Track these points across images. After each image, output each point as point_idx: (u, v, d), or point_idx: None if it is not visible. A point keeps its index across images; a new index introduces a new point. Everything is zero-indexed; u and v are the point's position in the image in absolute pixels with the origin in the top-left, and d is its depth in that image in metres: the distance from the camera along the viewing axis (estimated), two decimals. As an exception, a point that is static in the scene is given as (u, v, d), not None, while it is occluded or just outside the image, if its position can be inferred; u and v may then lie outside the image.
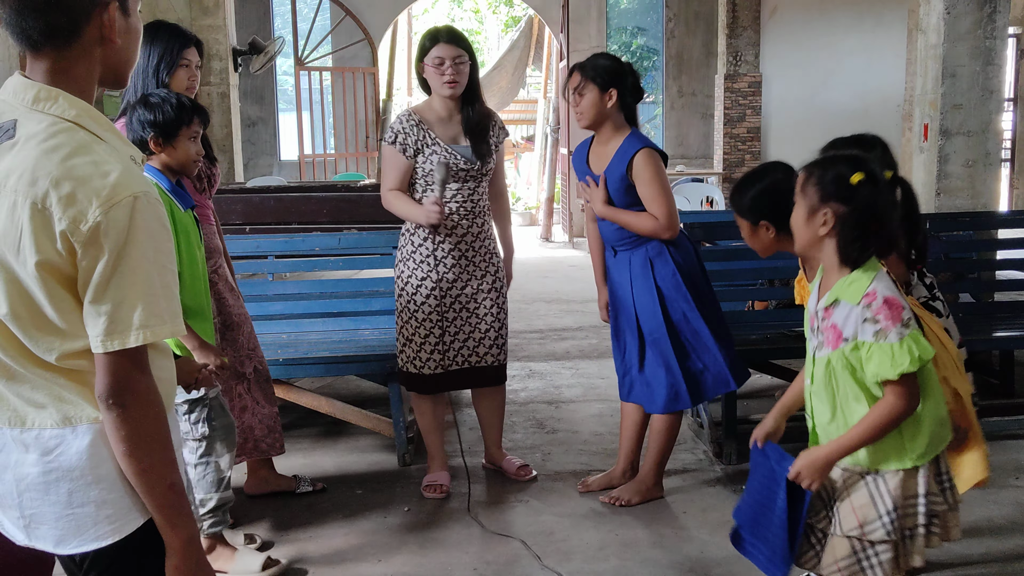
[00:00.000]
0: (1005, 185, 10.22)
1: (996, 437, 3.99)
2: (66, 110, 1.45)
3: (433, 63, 3.32)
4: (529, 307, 7.07)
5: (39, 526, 1.48)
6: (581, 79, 3.22)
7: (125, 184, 1.40)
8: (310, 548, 3.13)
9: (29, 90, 1.46)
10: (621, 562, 3.01)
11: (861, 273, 2.09)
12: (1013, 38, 9.87)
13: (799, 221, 2.14)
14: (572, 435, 4.21)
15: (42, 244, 1.38)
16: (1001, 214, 5.10)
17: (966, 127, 4.99)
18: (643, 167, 3.19)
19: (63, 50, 1.47)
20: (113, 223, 1.37)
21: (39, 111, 1.45)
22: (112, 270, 1.38)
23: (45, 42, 1.45)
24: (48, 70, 1.47)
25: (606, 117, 3.25)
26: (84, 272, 1.39)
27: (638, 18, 12.03)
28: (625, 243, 3.31)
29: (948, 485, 2.18)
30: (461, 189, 3.38)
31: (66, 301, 1.41)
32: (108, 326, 1.39)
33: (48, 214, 1.37)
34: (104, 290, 1.38)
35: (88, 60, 1.49)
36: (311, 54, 10.76)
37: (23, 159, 1.40)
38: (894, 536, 2.08)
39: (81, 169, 1.38)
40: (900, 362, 2.01)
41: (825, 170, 2.11)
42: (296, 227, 5.48)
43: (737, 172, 10.01)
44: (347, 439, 4.18)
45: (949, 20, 4.92)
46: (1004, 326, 4.22)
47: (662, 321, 3.27)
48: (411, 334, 3.46)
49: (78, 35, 1.46)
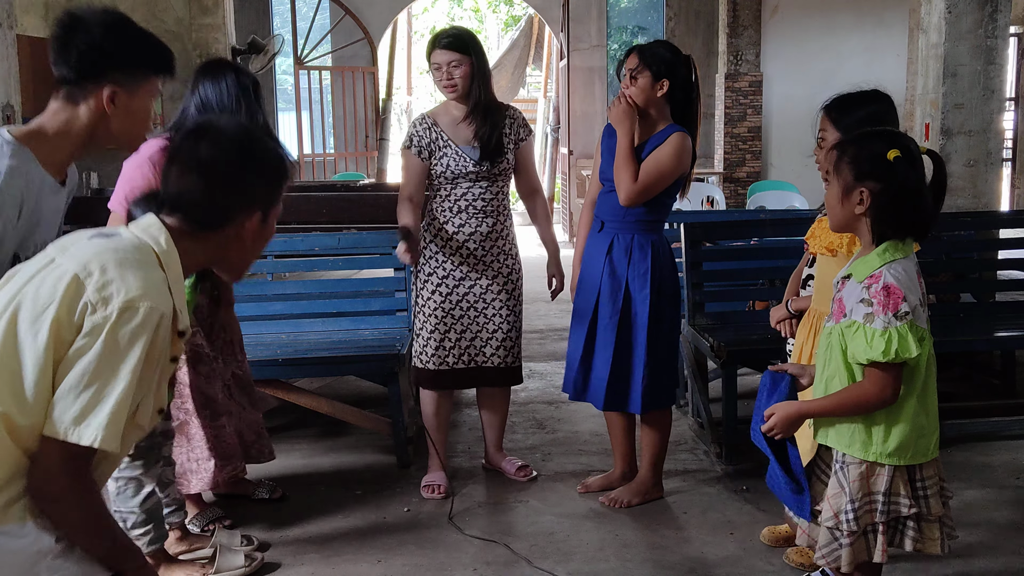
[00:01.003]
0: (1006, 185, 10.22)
1: (997, 437, 3.99)
2: (160, 244, 1.57)
3: (433, 68, 3.39)
4: (529, 307, 7.03)
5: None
6: (638, 63, 3.20)
7: (150, 296, 1.48)
8: (309, 548, 3.12)
9: (154, 225, 1.59)
10: (621, 562, 3.00)
11: (879, 254, 2.07)
12: (1014, 37, 9.86)
13: (834, 199, 2.12)
14: (572, 435, 4.20)
15: (63, 307, 1.45)
16: (1002, 214, 5.10)
17: (967, 127, 4.98)
18: (669, 142, 3.18)
19: (206, 231, 1.63)
20: (123, 323, 1.45)
21: (140, 235, 1.57)
22: (103, 365, 1.44)
23: (200, 229, 1.61)
24: (186, 235, 1.61)
25: (652, 105, 3.23)
26: (76, 352, 1.44)
27: (639, 17, 12.02)
28: (615, 222, 3.29)
29: (925, 494, 2.16)
30: (471, 188, 3.40)
31: (46, 378, 1.45)
32: (79, 414, 1.43)
33: (83, 286, 1.46)
34: (93, 379, 1.44)
35: (214, 248, 1.64)
36: (310, 53, 10.75)
37: (91, 247, 1.52)
38: (854, 527, 2.11)
39: (129, 275, 1.48)
40: (874, 349, 2.02)
41: (860, 148, 2.09)
42: (295, 227, 5.46)
43: (738, 171, 10.01)
44: (346, 439, 4.17)
45: (950, 19, 4.91)
46: (1005, 326, 4.20)
47: (618, 308, 3.27)
48: (419, 328, 3.53)
49: (218, 228, 1.63)
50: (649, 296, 3.25)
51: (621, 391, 3.32)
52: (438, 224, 3.44)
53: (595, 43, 10.99)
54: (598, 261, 3.33)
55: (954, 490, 3.43)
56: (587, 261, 3.39)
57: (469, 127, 3.40)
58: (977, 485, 3.54)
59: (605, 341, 3.32)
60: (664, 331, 3.31)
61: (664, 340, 3.32)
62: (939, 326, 4.03)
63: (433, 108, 3.56)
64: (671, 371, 3.41)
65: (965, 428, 3.98)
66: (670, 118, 3.27)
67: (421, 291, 3.49)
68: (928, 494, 2.16)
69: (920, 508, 2.15)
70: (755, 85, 9.95)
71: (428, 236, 3.47)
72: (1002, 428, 4.00)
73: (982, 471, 3.68)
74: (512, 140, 3.46)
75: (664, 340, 3.32)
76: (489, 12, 19.51)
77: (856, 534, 2.12)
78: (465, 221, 3.41)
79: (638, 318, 3.27)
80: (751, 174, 9.99)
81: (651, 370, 3.28)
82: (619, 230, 3.29)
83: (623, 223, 3.28)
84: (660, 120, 3.25)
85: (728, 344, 3.74)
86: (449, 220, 3.41)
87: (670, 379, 3.40)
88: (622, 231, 3.29)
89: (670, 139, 3.18)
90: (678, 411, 4.22)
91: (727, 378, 3.78)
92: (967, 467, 3.71)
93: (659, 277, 3.27)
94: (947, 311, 4.39)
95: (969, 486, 3.53)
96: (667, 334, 3.34)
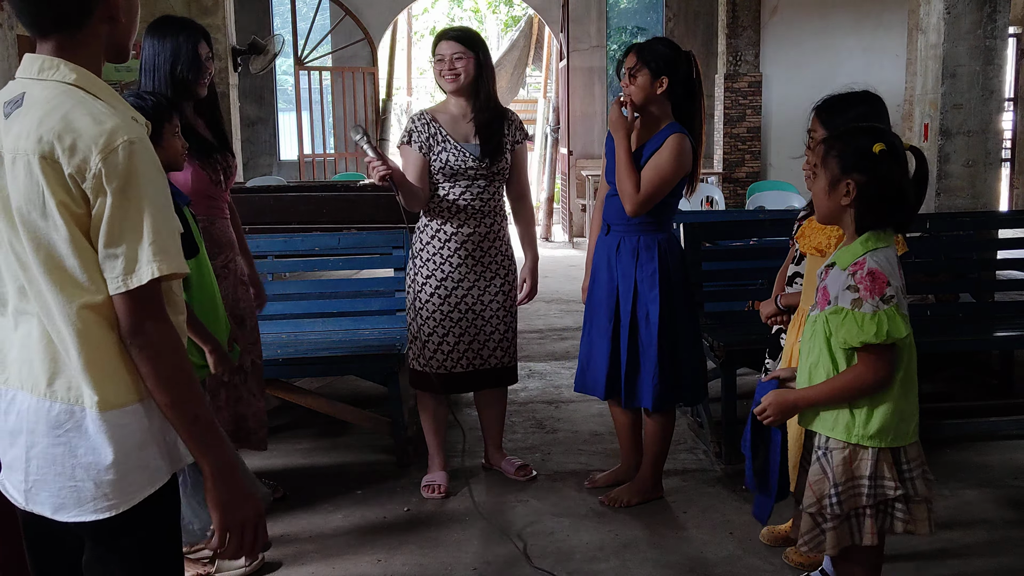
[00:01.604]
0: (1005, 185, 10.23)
1: (995, 437, 4.00)
2: (67, 75, 1.53)
3: (435, 59, 3.39)
4: (529, 307, 7.04)
5: (40, 492, 1.55)
6: (636, 61, 3.20)
7: (120, 131, 1.47)
8: (309, 548, 3.13)
9: (36, 62, 1.54)
10: (621, 562, 3.00)
11: (862, 242, 2.13)
12: (1013, 38, 9.87)
13: (820, 191, 2.18)
14: (572, 435, 4.21)
15: (57, 190, 1.46)
16: (1001, 214, 5.10)
17: (966, 127, 4.99)
18: (667, 146, 3.17)
19: (72, 33, 1.54)
20: (112, 168, 1.45)
21: (42, 79, 1.53)
22: (120, 212, 1.46)
23: (55, 28, 1.54)
24: (56, 50, 1.55)
25: (653, 103, 3.22)
26: (95, 218, 1.47)
27: (638, 18, 12.02)
28: (621, 225, 3.30)
29: (912, 475, 2.19)
30: (470, 187, 3.39)
31: (87, 251, 1.48)
32: (125, 266, 1.47)
33: (58, 165, 1.46)
34: (117, 232, 1.46)
35: (95, 40, 1.57)
36: (310, 54, 10.76)
37: (29, 122, 1.49)
38: (837, 511, 2.15)
39: (79, 122, 1.47)
40: (867, 332, 2.07)
41: (846, 142, 2.15)
42: (296, 227, 5.47)
43: (737, 172, 10.01)
44: (346, 439, 4.17)
45: (949, 20, 4.92)
46: (1004, 326, 4.21)
47: (629, 310, 3.27)
48: (416, 332, 3.50)
49: (88, 19, 1.54)
50: (659, 296, 3.24)
51: (632, 389, 3.32)
52: (437, 224, 3.43)
53: (595, 44, 10.99)
54: (607, 264, 3.34)
55: (952, 490, 3.47)
56: (598, 264, 3.40)
57: (468, 124, 3.41)
58: (975, 485, 3.54)
59: (617, 341, 3.31)
60: (679, 330, 3.29)
61: (681, 338, 3.30)
62: (938, 326, 4.09)
63: (433, 106, 3.56)
64: (690, 370, 3.35)
65: (963, 428, 3.99)
66: (671, 116, 3.26)
67: (419, 293, 3.46)
68: (914, 476, 2.20)
69: (907, 490, 2.18)
70: (754, 86, 9.95)
71: (426, 236, 3.46)
72: (1000, 428, 4.01)
73: (980, 471, 3.68)
74: (510, 141, 3.47)
75: (681, 338, 3.30)
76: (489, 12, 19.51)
77: (840, 518, 2.16)
78: (464, 221, 3.41)
79: (650, 318, 3.26)
80: (750, 174, 10.00)
81: (663, 369, 3.27)
82: (625, 232, 3.30)
83: (628, 225, 3.28)
84: (662, 118, 3.24)
85: (727, 344, 3.75)
86: (448, 220, 3.41)
87: (687, 378, 3.34)
88: (628, 233, 3.29)
89: (667, 143, 3.17)
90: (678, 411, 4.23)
91: (726, 378, 3.79)
92: (965, 467, 3.72)
93: (668, 277, 3.26)
94: (946, 311, 4.39)
95: (967, 486, 3.53)
96: (684, 332, 3.31)
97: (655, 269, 3.25)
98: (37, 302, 1.52)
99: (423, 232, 3.48)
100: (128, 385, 1.53)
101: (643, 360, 3.29)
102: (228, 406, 3.25)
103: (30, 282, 1.52)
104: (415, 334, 3.51)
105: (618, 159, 3.19)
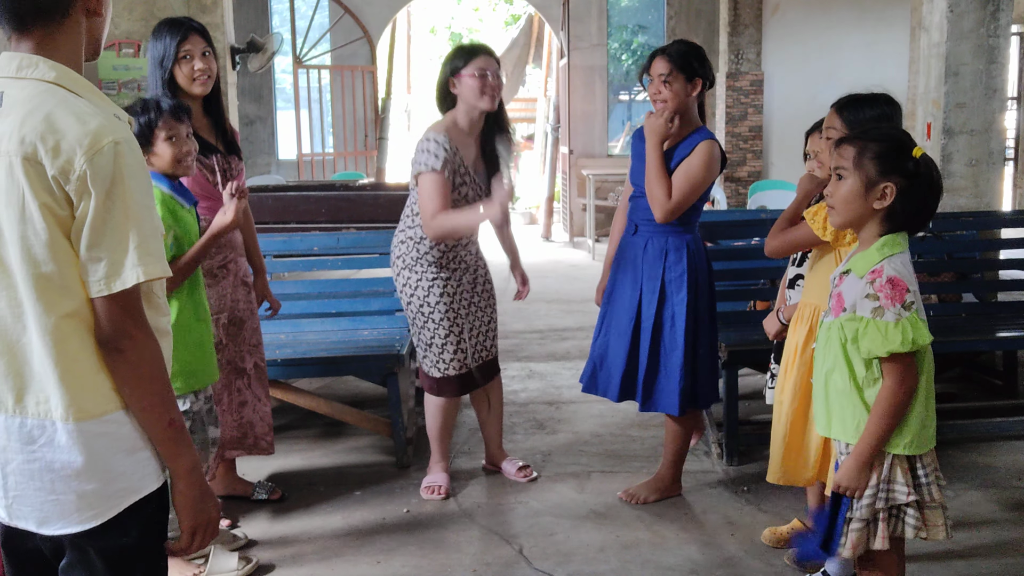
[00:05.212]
0: (1009, 184, 10.20)
1: (999, 438, 3.98)
2: (46, 73, 1.49)
3: (476, 73, 3.28)
4: (529, 307, 7.03)
5: (22, 507, 1.54)
6: (670, 67, 3.15)
7: (105, 131, 1.45)
8: (307, 550, 3.11)
9: (13, 61, 1.51)
10: (621, 563, 2.98)
11: (878, 249, 2.09)
12: (1016, 36, 9.84)
13: (852, 194, 2.11)
14: (572, 436, 4.19)
15: (40, 192, 1.44)
16: (1004, 213, 5.06)
17: (969, 126, 4.96)
18: (697, 153, 3.15)
19: (52, 28, 1.51)
20: (99, 169, 1.43)
21: (22, 78, 1.50)
22: (105, 214, 1.44)
23: (34, 22, 1.51)
24: (35, 47, 1.52)
25: (686, 108, 3.20)
26: (79, 220, 1.45)
27: (639, 16, 11.99)
28: (649, 225, 3.27)
29: (926, 481, 2.17)
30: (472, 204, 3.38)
31: (67, 255, 1.46)
32: (109, 269, 1.45)
33: (41, 166, 1.43)
34: (100, 234, 1.45)
35: (76, 35, 1.55)
36: (309, 52, 10.73)
37: (10, 123, 1.45)
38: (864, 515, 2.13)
39: (62, 122, 1.44)
40: (892, 340, 2.04)
41: (882, 143, 2.10)
42: (294, 226, 5.45)
43: (739, 171, 9.98)
44: (346, 440, 4.15)
45: (952, 18, 4.89)
46: (1007, 326, 4.19)
47: (653, 312, 3.25)
48: (430, 338, 3.44)
49: (67, 12, 1.52)
50: (687, 298, 3.22)
51: (649, 392, 3.30)
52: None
53: (595, 42, 10.96)
54: (632, 264, 3.31)
55: (956, 491, 3.45)
56: (622, 264, 3.37)
57: (474, 144, 3.41)
58: (979, 486, 3.52)
59: (637, 342, 3.29)
60: (703, 332, 3.28)
61: (704, 340, 3.29)
62: (941, 326, 4.05)
63: (445, 126, 3.36)
64: (710, 371, 3.36)
65: (967, 429, 3.97)
66: (699, 119, 3.26)
67: (425, 299, 3.40)
68: (929, 482, 2.18)
69: (922, 496, 2.16)
70: (756, 84, 9.92)
71: (424, 247, 3.39)
72: (1004, 429, 3.99)
73: (984, 472, 3.66)
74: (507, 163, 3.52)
75: (704, 340, 3.29)
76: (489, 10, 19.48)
77: (864, 521, 2.14)
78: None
79: (676, 319, 3.24)
80: (752, 173, 9.97)
81: (688, 372, 3.26)
82: (653, 233, 3.27)
83: (657, 226, 3.26)
84: (690, 121, 3.23)
85: (729, 344, 3.73)
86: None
87: (707, 379, 3.35)
88: (655, 234, 3.27)
89: (698, 149, 3.15)
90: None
91: (729, 378, 3.76)
92: (969, 468, 3.70)
93: (695, 279, 3.25)
94: (949, 311, 4.37)
95: (971, 487, 3.51)
96: (707, 334, 3.31)
97: (684, 270, 3.23)
98: (9, 310, 1.49)
99: (419, 243, 3.40)
100: (107, 393, 1.52)
101: (664, 363, 3.27)
102: (232, 410, 3.23)
103: (6, 288, 1.49)
104: (428, 341, 3.44)
105: (650, 166, 3.16)
